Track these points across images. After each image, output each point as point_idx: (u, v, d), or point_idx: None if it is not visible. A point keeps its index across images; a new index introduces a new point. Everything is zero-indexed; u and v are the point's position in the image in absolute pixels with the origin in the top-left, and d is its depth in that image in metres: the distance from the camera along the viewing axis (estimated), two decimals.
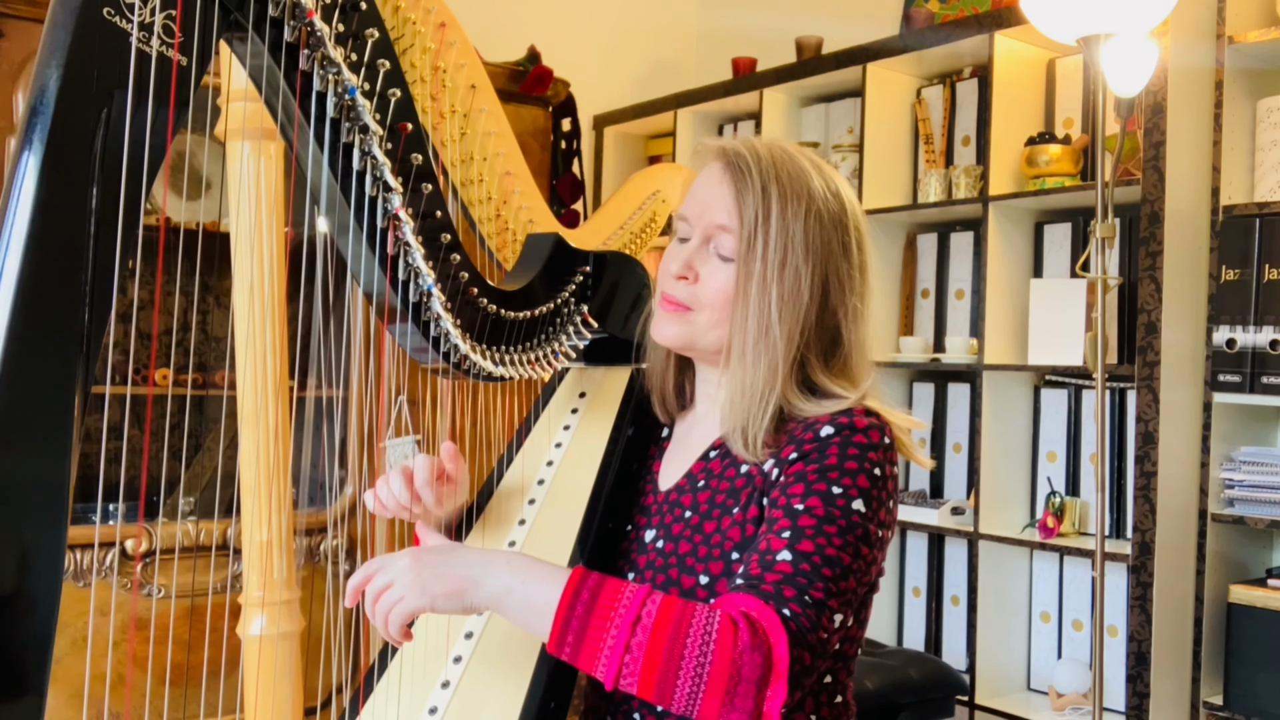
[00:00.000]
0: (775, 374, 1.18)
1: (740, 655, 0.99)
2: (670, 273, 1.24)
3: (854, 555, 1.09)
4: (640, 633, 1.00)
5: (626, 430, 1.37)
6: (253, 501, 1.71)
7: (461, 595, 1.06)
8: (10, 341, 0.89)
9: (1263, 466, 2.24)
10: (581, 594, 1.02)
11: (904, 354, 2.91)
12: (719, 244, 1.21)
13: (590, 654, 1.01)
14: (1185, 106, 2.32)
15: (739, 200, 1.19)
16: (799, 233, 1.18)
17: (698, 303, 1.22)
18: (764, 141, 1.23)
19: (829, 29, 3.33)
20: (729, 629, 1.00)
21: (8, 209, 0.90)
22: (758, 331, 1.18)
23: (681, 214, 1.25)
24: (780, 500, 1.13)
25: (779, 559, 1.07)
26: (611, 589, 1.03)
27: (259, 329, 1.68)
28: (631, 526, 1.30)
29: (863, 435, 1.15)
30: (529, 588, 1.04)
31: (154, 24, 0.95)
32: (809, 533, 1.08)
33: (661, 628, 1.00)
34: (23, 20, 2.44)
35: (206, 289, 2.97)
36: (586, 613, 1.01)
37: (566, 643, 1.02)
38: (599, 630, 1.01)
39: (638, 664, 0.99)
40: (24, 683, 0.90)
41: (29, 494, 0.90)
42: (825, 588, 1.06)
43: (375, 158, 1.16)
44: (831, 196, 1.21)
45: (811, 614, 1.04)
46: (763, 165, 1.19)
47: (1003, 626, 2.71)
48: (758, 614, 1.03)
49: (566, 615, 1.01)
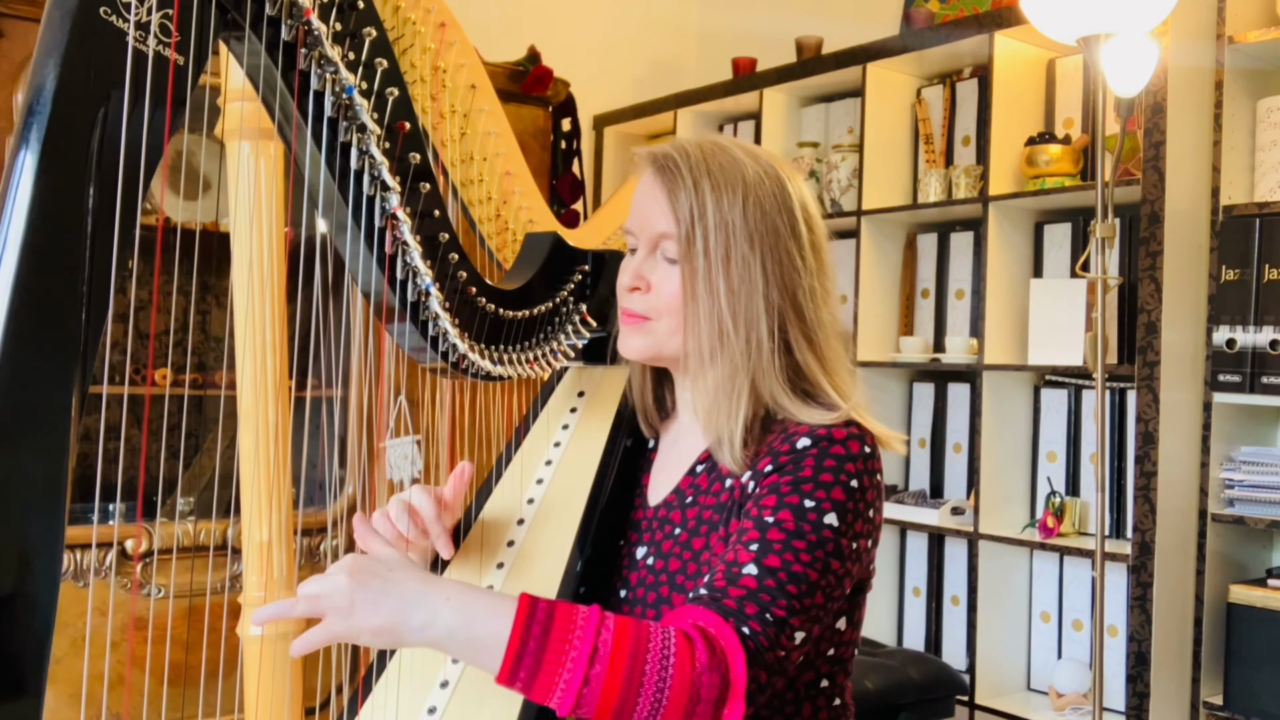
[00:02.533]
0: (739, 370, 1.16)
1: (699, 676, 0.97)
2: (624, 286, 1.23)
3: (822, 571, 1.07)
4: (598, 664, 0.96)
5: (625, 430, 1.37)
6: (252, 501, 1.71)
7: (390, 633, 1.00)
8: (8, 341, 0.89)
9: (1263, 466, 2.24)
10: (532, 628, 0.97)
11: (904, 354, 2.91)
12: (665, 249, 1.20)
13: (544, 687, 0.97)
14: (1185, 106, 2.32)
15: (672, 199, 1.17)
16: (738, 221, 1.16)
17: (655, 311, 1.21)
18: (694, 139, 1.22)
19: (829, 29, 3.32)
20: (685, 650, 0.98)
21: (5, 209, 0.90)
22: (712, 329, 1.17)
23: (626, 228, 1.24)
24: (753, 511, 1.11)
25: (744, 572, 1.05)
26: (563, 618, 0.98)
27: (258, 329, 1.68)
28: (624, 542, 1.29)
29: (840, 446, 1.12)
30: (474, 626, 0.99)
31: (151, 23, 0.95)
32: (776, 547, 1.06)
33: (619, 656, 0.97)
34: (23, 20, 2.44)
35: (206, 289, 2.97)
36: (540, 647, 0.97)
37: (519, 679, 0.97)
38: (554, 664, 0.97)
39: (595, 695, 0.96)
40: (22, 683, 0.90)
41: (27, 493, 0.90)
42: (788, 605, 1.04)
43: (373, 157, 1.16)
44: (770, 180, 1.18)
45: (771, 632, 1.02)
46: (692, 161, 1.18)
47: (1003, 626, 2.71)
48: (716, 631, 1.01)
49: (519, 651, 0.97)
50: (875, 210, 2.95)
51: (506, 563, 1.28)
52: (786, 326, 1.18)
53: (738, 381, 1.17)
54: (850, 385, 1.20)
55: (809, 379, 1.18)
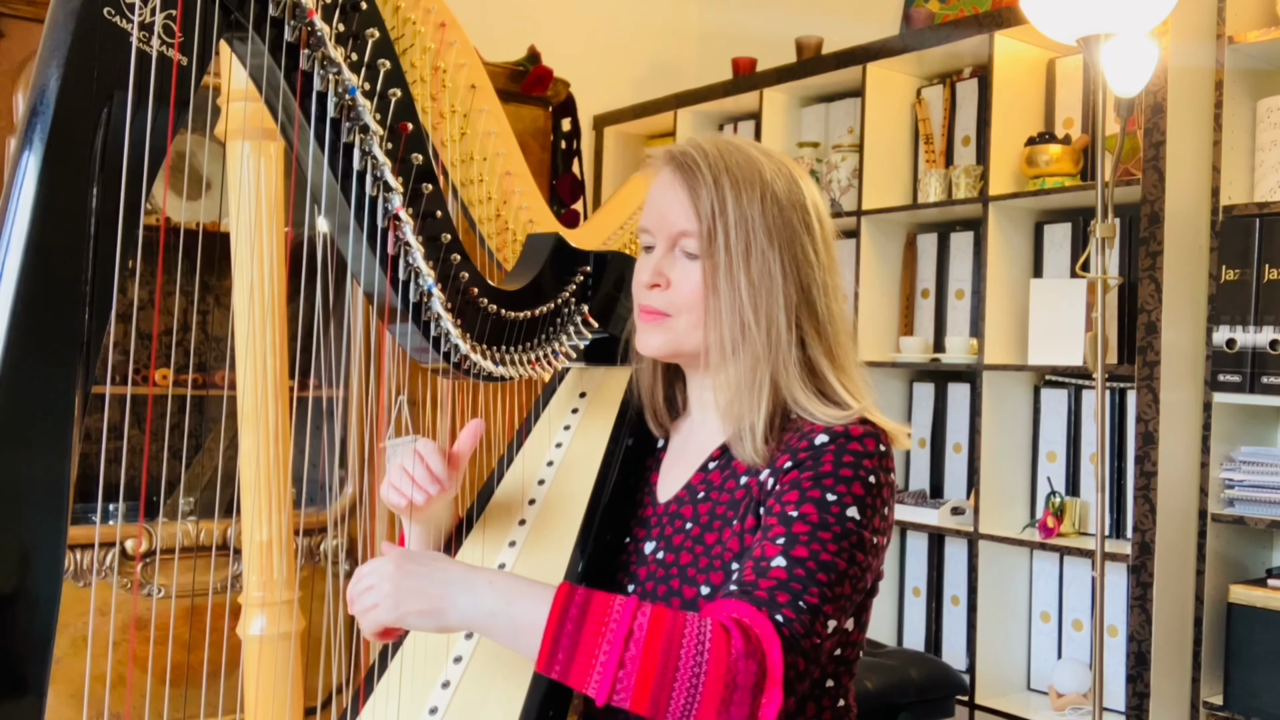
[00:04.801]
0: (761, 362, 1.18)
1: (735, 663, 0.98)
2: (642, 283, 1.24)
3: (849, 561, 1.09)
4: (633, 647, 0.98)
5: (627, 430, 1.37)
6: (253, 501, 1.71)
7: (437, 615, 1.03)
8: (11, 342, 0.89)
9: (1263, 466, 2.24)
10: (570, 610, 1.00)
11: (904, 354, 2.91)
12: (685, 246, 1.21)
13: (581, 672, 0.99)
14: (1185, 106, 2.32)
15: (693, 197, 1.19)
16: (757, 217, 1.18)
17: (675, 308, 1.22)
18: (708, 138, 1.24)
19: (829, 29, 3.33)
20: (722, 637, 0.99)
21: (8, 209, 0.90)
22: (734, 322, 1.18)
23: (643, 226, 1.25)
24: (775, 507, 1.12)
25: (773, 565, 1.07)
26: (600, 604, 1.01)
27: (259, 329, 1.68)
28: (630, 538, 1.29)
29: (858, 443, 1.14)
30: (514, 608, 1.02)
31: (154, 24, 0.95)
32: (803, 539, 1.08)
33: (654, 641, 0.98)
34: (23, 20, 2.44)
35: (206, 289, 2.96)
36: (576, 630, 0.99)
37: (557, 661, 0.99)
38: (590, 648, 0.99)
39: (631, 680, 0.98)
40: (24, 683, 0.90)
41: (29, 494, 0.90)
42: (820, 593, 1.05)
43: (376, 158, 1.16)
44: (784, 178, 1.21)
45: (806, 619, 1.03)
46: (710, 159, 1.19)
47: (1003, 626, 2.71)
48: (750, 620, 1.02)
49: (555, 634, 0.99)
50: (875, 210, 2.95)
51: (508, 562, 1.28)
52: (801, 321, 1.19)
53: (759, 373, 1.18)
54: (860, 383, 1.22)
55: (821, 376, 1.20)
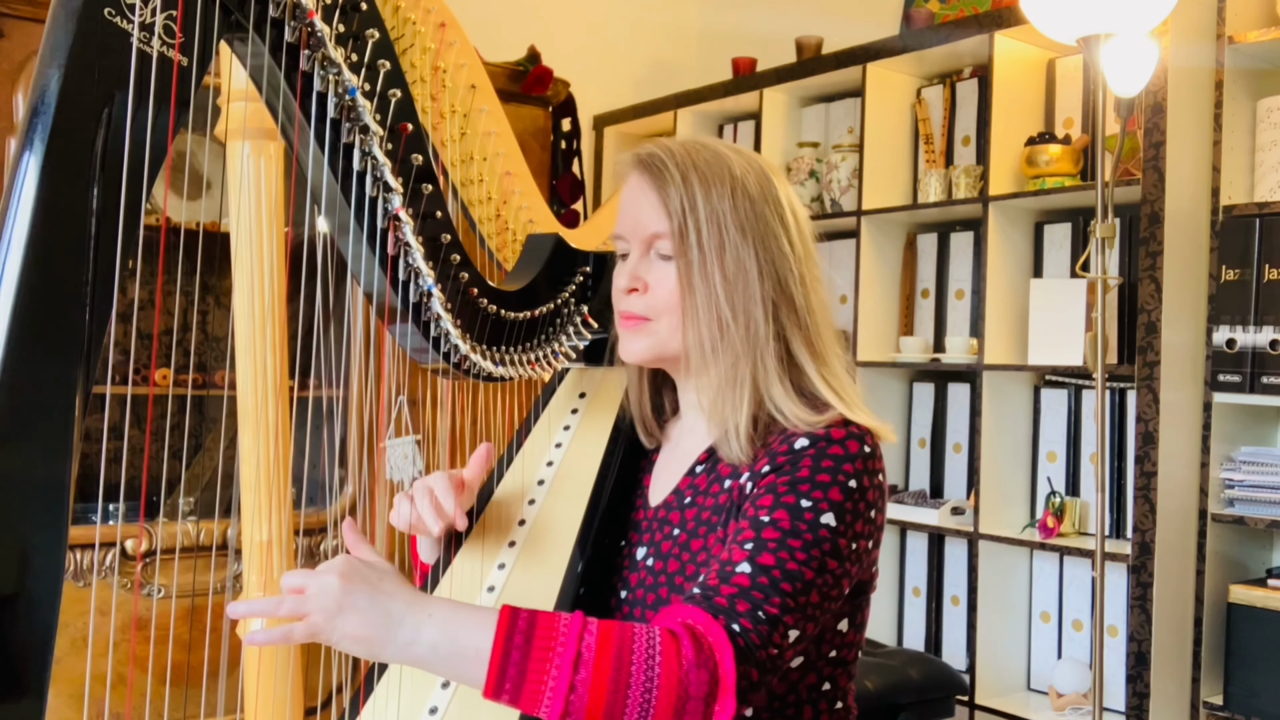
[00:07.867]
0: (741, 359, 1.17)
1: (686, 674, 0.97)
2: (620, 289, 1.23)
3: (818, 570, 1.07)
4: (583, 669, 0.96)
5: (626, 431, 1.37)
6: (253, 501, 1.71)
7: (370, 642, 1.00)
8: (11, 342, 0.89)
9: (1263, 466, 2.24)
10: (514, 638, 0.97)
11: (904, 354, 2.91)
12: (659, 248, 1.20)
13: (531, 698, 0.97)
14: (1185, 106, 2.32)
15: (663, 196, 1.18)
16: (728, 212, 1.17)
17: (654, 311, 1.21)
18: (676, 139, 1.23)
19: (829, 29, 3.33)
20: (672, 647, 0.98)
21: (9, 209, 0.90)
22: (711, 320, 1.17)
23: (617, 233, 1.24)
24: (750, 511, 1.11)
25: (738, 571, 1.05)
26: (544, 626, 0.98)
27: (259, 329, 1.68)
28: (624, 543, 1.29)
29: (839, 446, 1.12)
30: (456, 641, 0.99)
31: (155, 24, 0.95)
32: (771, 546, 1.06)
33: (604, 660, 0.97)
34: (23, 20, 2.44)
35: (206, 289, 2.97)
36: (523, 657, 0.97)
37: (505, 690, 0.97)
38: (539, 673, 0.97)
39: (583, 702, 0.96)
40: (25, 683, 0.90)
41: (30, 494, 0.91)
42: (782, 603, 1.04)
43: (376, 158, 1.16)
44: (754, 173, 1.20)
45: (764, 629, 1.02)
46: (678, 158, 1.19)
47: (1003, 626, 2.71)
48: (704, 628, 1.00)
49: (502, 662, 0.97)
50: (875, 210, 2.95)
51: (508, 563, 1.28)
52: (780, 314, 1.18)
53: (739, 371, 1.17)
54: (844, 379, 1.20)
55: (801, 369, 1.19)
